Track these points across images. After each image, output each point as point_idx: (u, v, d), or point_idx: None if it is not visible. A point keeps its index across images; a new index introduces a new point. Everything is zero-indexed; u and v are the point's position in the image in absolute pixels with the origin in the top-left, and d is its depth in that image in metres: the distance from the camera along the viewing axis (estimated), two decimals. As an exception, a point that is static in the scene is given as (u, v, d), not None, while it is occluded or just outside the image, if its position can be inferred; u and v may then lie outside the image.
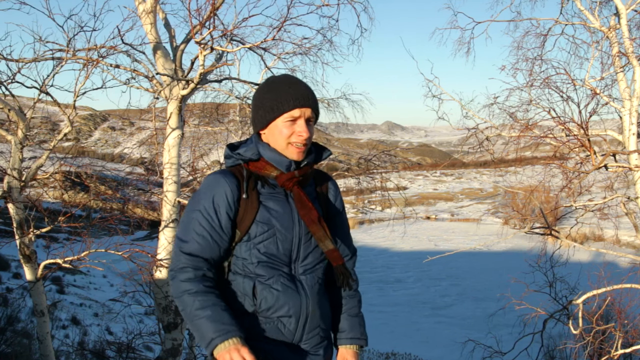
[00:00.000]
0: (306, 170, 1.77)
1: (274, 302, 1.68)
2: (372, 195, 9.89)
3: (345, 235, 1.91)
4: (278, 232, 1.70)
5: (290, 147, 1.71)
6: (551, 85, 6.41)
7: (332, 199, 1.89)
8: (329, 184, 1.91)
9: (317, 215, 1.71)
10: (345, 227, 1.93)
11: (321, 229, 1.71)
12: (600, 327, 6.16)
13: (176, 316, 5.41)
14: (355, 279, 1.93)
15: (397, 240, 41.09)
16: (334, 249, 1.73)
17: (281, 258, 1.71)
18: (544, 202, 10.28)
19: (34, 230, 4.91)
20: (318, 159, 1.83)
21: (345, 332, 1.88)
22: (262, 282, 1.69)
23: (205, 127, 9.25)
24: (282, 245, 1.70)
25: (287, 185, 1.73)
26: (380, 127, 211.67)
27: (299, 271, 1.74)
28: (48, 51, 4.82)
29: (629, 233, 26.13)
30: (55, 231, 7.97)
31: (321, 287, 1.80)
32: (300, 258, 1.74)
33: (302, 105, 1.70)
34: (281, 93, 1.71)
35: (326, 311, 1.82)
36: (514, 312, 6.59)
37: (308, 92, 1.73)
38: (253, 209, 1.70)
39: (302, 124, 1.71)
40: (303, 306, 1.71)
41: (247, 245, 1.70)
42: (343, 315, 1.89)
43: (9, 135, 4.87)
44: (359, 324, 1.89)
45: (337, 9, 5.76)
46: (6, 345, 7.40)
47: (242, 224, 1.70)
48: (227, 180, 1.70)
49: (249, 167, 1.76)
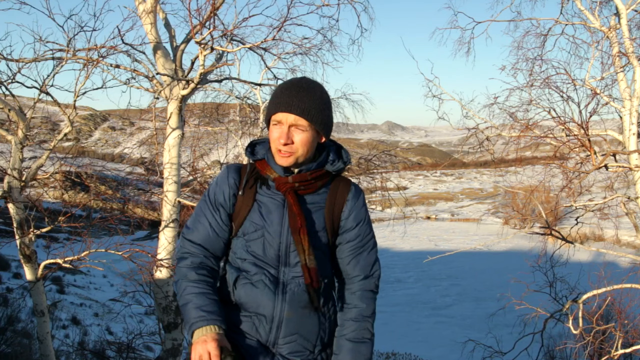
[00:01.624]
0: (304, 177, 1.72)
1: (248, 299, 1.70)
2: (373, 195, 9.88)
3: (356, 254, 1.79)
4: (267, 234, 1.71)
5: (277, 152, 1.70)
6: (551, 85, 6.42)
7: (346, 212, 1.78)
8: (348, 196, 1.79)
9: (299, 226, 1.67)
10: (359, 244, 1.79)
11: (300, 241, 1.67)
12: (601, 327, 6.15)
13: (176, 316, 5.41)
14: (363, 304, 1.78)
15: (397, 240, 41.09)
16: (306, 265, 1.66)
17: (267, 260, 1.71)
18: (544, 202, 10.29)
19: (34, 230, 4.91)
20: (321, 167, 1.76)
21: (335, 356, 1.77)
22: (246, 277, 1.72)
23: (205, 127, 9.25)
24: (269, 248, 1.70)
25: (281, 189, 1.72)
26: (381, 127, 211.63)
27: (288, 276, 1.71)
28: (48, 51, 4.82)
29: (629, 233, 26.13)
30: (55, 231, 7.98)
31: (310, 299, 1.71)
32: (290, 264, 1.71)
33: (284, 110, 1.65)
34: (274, 96, 1.71)
35: (313, 325, 1.74)
36: (514, 312, 6.59)
37: (296, 98, 1.65)
38: (246, 206, 1.73)
39: (281, 129, 1.67)
40: (277, 309, 1.68)
41: (240, 240, 1.75)
42: (341, 338, 1.77)
43: (9, 135, 4.87)
44: (351, 351, 1.73)
45: (337, 9, 5.78)
46: (6, 345, 7.40)
47: (236, 220, 1.75)
48: (231, 176, 1.77)
49: (257, 165, 1.78)
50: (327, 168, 1.78)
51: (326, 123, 1.73)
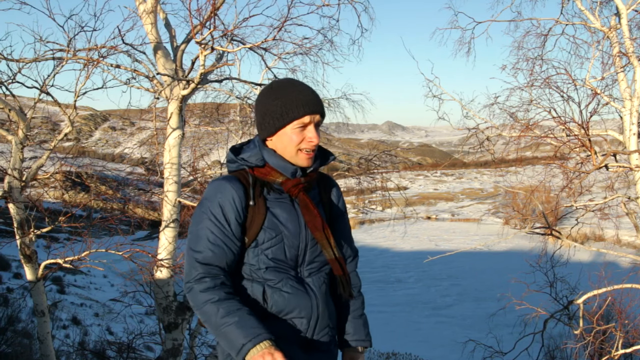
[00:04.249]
0: (312, 176, 1.78)
1: (285, 305, 1.69)
2: (373, 195, 9.89)
3: (346, 237, 1.92)
4: (286, 238, 1.70)
5: (300, 154, 1.70)
6: (552, 85, 6.42)
7: (335, 202, 1.90)
8: (332, 184, 1.91)
9: (321, 223, 1.72)
10: (347, 228, 1.93)
11: (324, 237, 1.73)
12: (601, 327, 6.14)
13: (176, 316, 5.41)
14: (359, 280, 1.96)
15: (398, 240, 41.12)
16: (335, 259, 1.75)
17: (288, 262, 1.72)
18: (545, 202, 10.28)
19: (34, 230, 4.90)
20: (323, 164, 1.83)
21: (350, 335, 1.90)
22: (272, 285, 1.70)
23: (205, 127, 9.24)
24: (290, 250, 1.71)
25: (292, 191, 1.73)
26: (381, 127, 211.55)
27: (305, 274, 1.76)
28: (48, 51, 4.82)
29: (629, 233, 26.09)
30: (55, 231, 7.98)
31: (327, 288, 1.82)
32: (306, 262, 1.76)
33: (312, 111, 1.67)
34: (290, 99, 1.67)
35: (332, 310, 1.84)
36: (515, 312, 6.59)
37: (316, 97, 1.70)
38: (260, 215, 1.69)
39: (312, 130, 1.69)
40: (314, 307, 1.73)
41: (254, 251, 1.70)
42: (348, 317, 1.91)
43: (10, 135, 4.87)
44: (363, 326, 1.92)
45: (338, 9, 5.77)
46: (7, 345, 7.41)
47: (250, 231, 1.69)
48: (234, 187, 1.68)
49: (254, 172, 1.74)
50: (328, 163, 1.87)
51: None
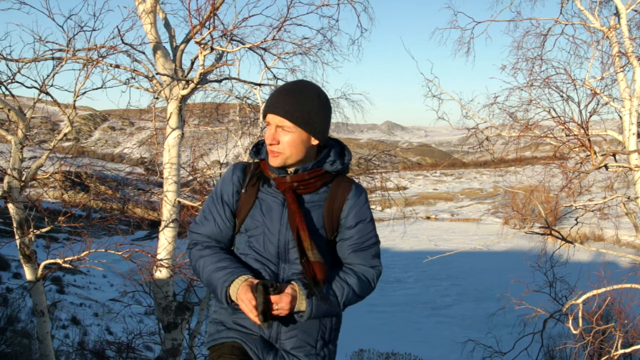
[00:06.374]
0: (302, 177, 1.77)
1: None
2: (372, 195, 9.87)
3: (356, 250, 1.82)
4: (267, 231, 1.77)
5: (269, 152, 1.78)
6: (551, 85, 6.42)
7: (346, 211, 1.80)
8: (349, 195, 1.80)
9: (297, 223, 1.71)
10: (358, 241, 1.81)
11: (297, 238, 1.72)
12: (600, 327, 6.15)
13: (176, 316, 5.41)
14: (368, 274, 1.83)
15: (397, 240, 41.08)
16: (306, 262, 1.69)
17: (267, 256, 1.77)
18: (544, 202, 10.28)
19: (34, 230, 4.90)
20: (319, 166, 1.79)
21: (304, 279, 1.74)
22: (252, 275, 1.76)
23: (205, 127, 9.24)
24: (269, 244, 1.77)
25: (280, 188, 1.78)
26: (381, 127, 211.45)
27: (288, 273, 1.76)
28: (48, 51, 4.82)
29: (629, 233, 26.11)
30: (55, 231, 7.96)
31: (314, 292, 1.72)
32: (289, 261, 1.76)
33: (270, 111, 1.74)
34: (268, 98, 1.80)
35: (313, 320, 1.74)
36: (514, 312, 6.59)
37: (282, 101, 1.71)
38: (249, 203, 1.80)
39: (270, 129, 1.75)
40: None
41: (242, 237, 1.83)
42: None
43: (9, 135, 4.86)
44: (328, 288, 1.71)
45: (337, 9, 5.77)
46: (6, 345, 7.40)
47: (239, 216, 1.82)
48: (236, 174, 1.85)
49: (262, 165, 1.86)
50: (326, 168, 1.80)
51: (315, 125, 1.74)
